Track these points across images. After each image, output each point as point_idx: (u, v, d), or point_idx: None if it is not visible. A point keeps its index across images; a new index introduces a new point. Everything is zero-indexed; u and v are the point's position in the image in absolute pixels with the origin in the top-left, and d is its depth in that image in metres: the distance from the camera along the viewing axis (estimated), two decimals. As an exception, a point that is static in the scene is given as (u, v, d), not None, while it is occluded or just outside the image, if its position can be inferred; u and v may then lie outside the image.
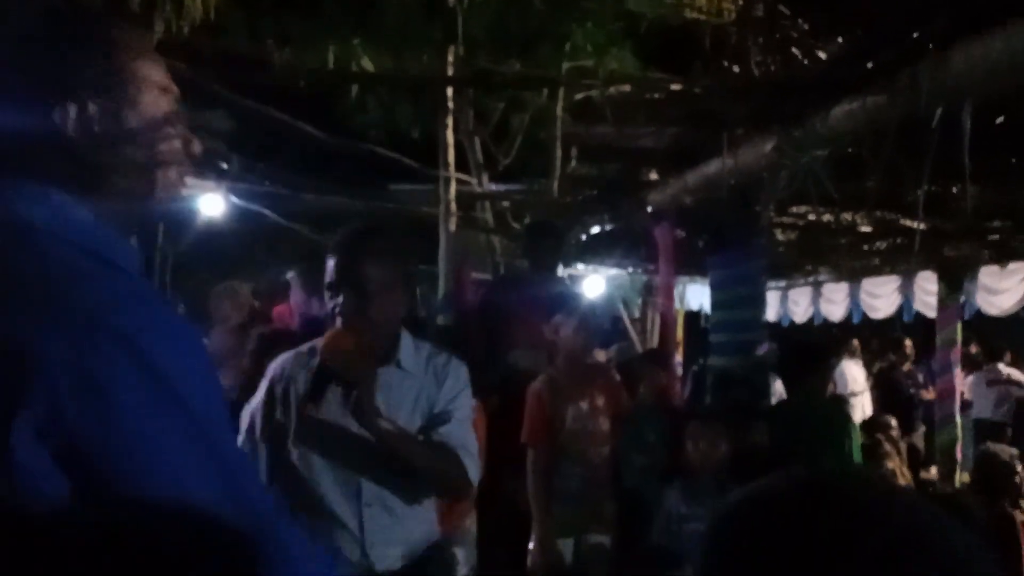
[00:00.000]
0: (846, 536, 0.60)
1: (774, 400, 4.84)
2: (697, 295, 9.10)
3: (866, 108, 2.58)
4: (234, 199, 6.65)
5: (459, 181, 7.00)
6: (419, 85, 7.09)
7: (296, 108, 6.28)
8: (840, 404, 5.71)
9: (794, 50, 2.96)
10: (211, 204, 6.44)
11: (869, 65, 2.59)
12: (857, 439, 3.83)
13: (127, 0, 4.45)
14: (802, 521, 0.63)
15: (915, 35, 2.32)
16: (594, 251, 6.78)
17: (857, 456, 3.77)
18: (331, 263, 1.91)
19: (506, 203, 7.76)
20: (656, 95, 3.73)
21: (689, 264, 5.99)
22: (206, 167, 6.11)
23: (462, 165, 7.41)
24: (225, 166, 6.63)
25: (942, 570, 0.60)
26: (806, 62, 2.92)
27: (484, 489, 3.47)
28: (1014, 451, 4.27)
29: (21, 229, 0.89)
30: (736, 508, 0.68)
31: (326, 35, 6.43)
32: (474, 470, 2.03)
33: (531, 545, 3.49)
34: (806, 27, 2.90)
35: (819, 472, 0.68)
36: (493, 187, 7.98)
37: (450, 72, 6.60)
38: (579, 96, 6.08)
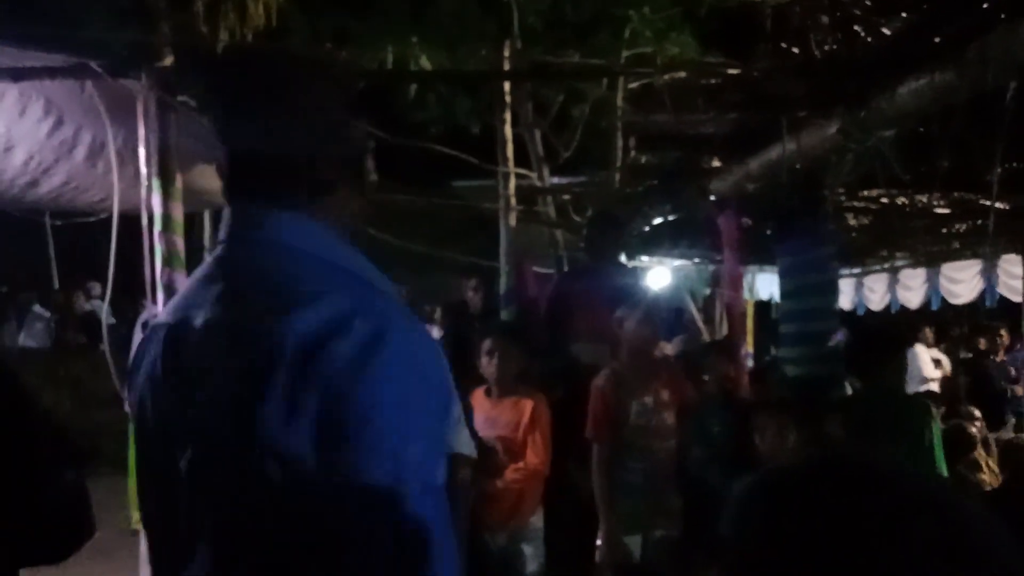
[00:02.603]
0: (857, 505, 0.63)
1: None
2: (767, 284, 8.89)
3: (934, 85, 2.46)
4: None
5: (519, 175, 6.99)
6: (476, 81, 7.09)
7: (356, 106, 6.35)
8: (919, 395, 5.50)
9: (856, 28, 2.84)
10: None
11: (935, 40, 2.47)
12: (937, 431, 3.68)
13: (191, 5, 4.58)
14: (816, 492, 0.66)
15: (984, 6, 2.20)
16: (658, 242, 6.68)
17: (938, 448, 3.62)
18: None
19: (567, 196, 7.73)
20: (715, 80, 3.64)
21: (758, 253, 5.86)
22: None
23: (523, 158, 7.40)
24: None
25: (951, 538, 0.61)
26: (869, 40, 2.81)
27: (550, 483, 3.49)
28: None
29: (286, 250, 1.06)
30: (756, 483, 0.71)
31: (384, 33, 6.49)
32: None
33: (598, 541, 3.47)
34: (868, 3, 2.79)
35: (835, 451, 0.73)
36: (554, 180, 7.95)
37: (506, 66, 6.59)
38: (638, 84, 6.00)
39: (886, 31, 2.76)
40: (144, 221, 3.28)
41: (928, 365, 8.65)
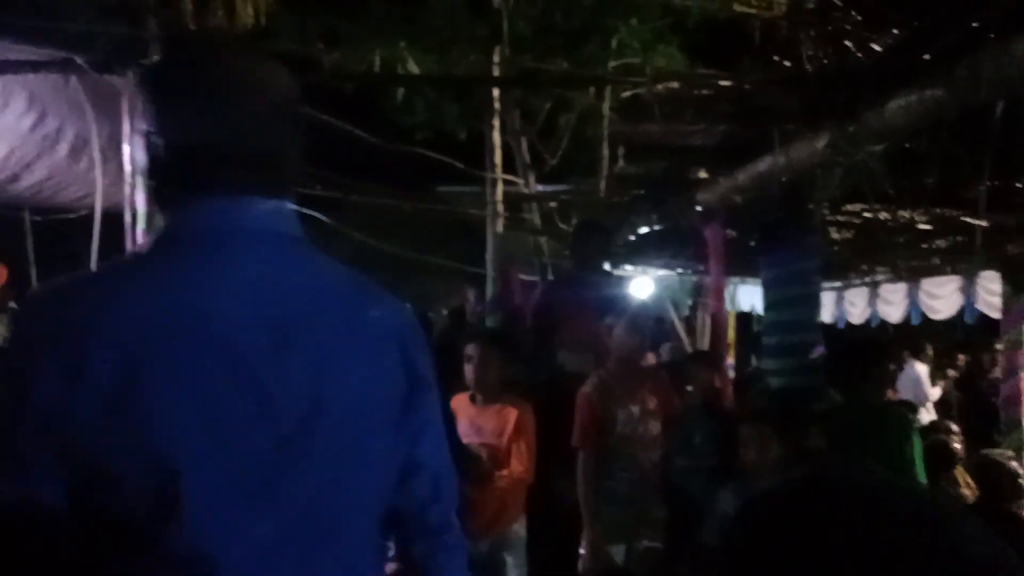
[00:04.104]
0: (851, 524, 0.61)
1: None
2: (748, 296, 8.95)
3: (923, 101, 2.48)
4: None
5: (506, 182, 6.98)
6: (465, 86, 7.10)
7: (343, 110, 6.33)
8: (900, 408, 5.52)
9: (847, 42, 2.86)
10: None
11: (926, 56, 2.49)
12: (919, 444, 3.70)
13: (179, 2, 4.55)
14: (808, 511, 0.64)
15: (974, 24, 2.22)
16: (643, 252, 6.70)
17: (919, 462, 3.64)
18: None
19: (553, 204, 7.73)
20: (705, 91, 3.65)
21: (740, 264, 5.89)
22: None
23: (509, 165, 7.40)
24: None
25: (952, 555, 0.59)
26: (859, 54, 2.83)
27: (534, 491, 3.47)
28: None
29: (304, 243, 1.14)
30: (747, 505, 0.70)
31: (373, 36, 6.48)
32: None
33: (582, 550, 3.45)
34: (859, 18, 2.81)
35: (828, 468, 0.70)
36: (540, 188, 7.96)
37: (496, 72, 6.59)
38: (626, 94, 6.02)
39: (876, 47, 2.78)
40: (127, 219, 3.24)
41: (928, 385, 8.68)
